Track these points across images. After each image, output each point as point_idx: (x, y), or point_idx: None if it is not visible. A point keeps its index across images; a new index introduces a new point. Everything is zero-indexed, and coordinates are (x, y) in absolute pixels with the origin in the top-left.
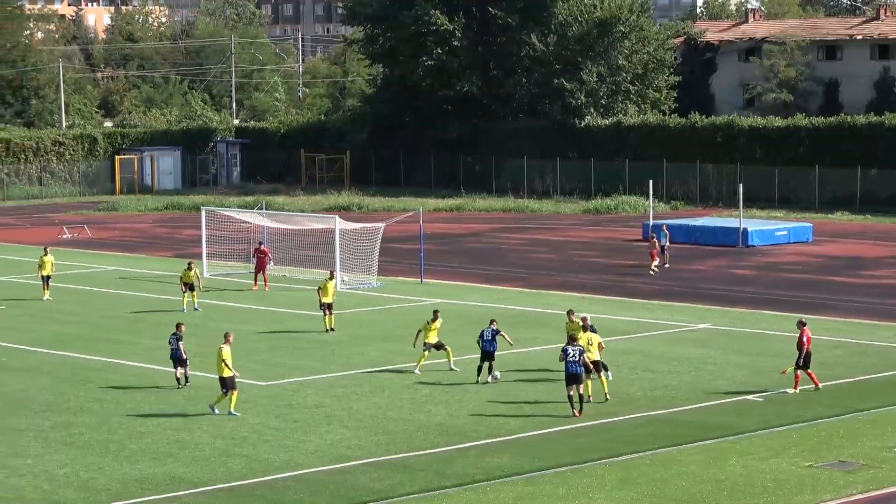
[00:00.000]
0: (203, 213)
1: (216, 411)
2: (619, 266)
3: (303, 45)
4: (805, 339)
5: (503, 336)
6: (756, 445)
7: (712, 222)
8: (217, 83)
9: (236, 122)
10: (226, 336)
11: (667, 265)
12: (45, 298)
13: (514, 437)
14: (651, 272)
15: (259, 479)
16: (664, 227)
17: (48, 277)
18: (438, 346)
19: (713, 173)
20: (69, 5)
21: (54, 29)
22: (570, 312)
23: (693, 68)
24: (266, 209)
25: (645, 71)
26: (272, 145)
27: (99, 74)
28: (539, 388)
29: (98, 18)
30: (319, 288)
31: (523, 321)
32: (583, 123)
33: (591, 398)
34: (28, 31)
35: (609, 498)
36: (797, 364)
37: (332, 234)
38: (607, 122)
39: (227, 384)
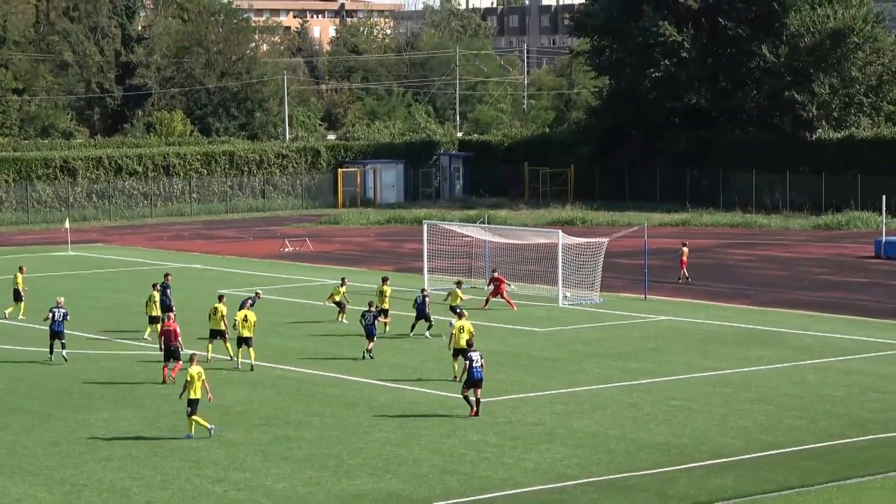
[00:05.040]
0: (425, 226)
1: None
2: (851, 283)
3: (528, 57)
4: None
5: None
6: None
7: None
8: (441, 95)
9: (460, 134)
10: None
11: None
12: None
13: (738, 458)
14: None
15: (477, 497)
16: None
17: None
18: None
19: None
20: (294, 17)
21: (279, 41)
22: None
23: None
24: (488, 223)
25: (879, 83)
26: (495, 158)
27: (323, 87)
28: (766, 408)
29: (323, 30)
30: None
31: (750, 339)
32: (814, 137)
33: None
34: (253, 44)
35: None
36: None
37: (555, 248)
38: (839, 135)
39: None
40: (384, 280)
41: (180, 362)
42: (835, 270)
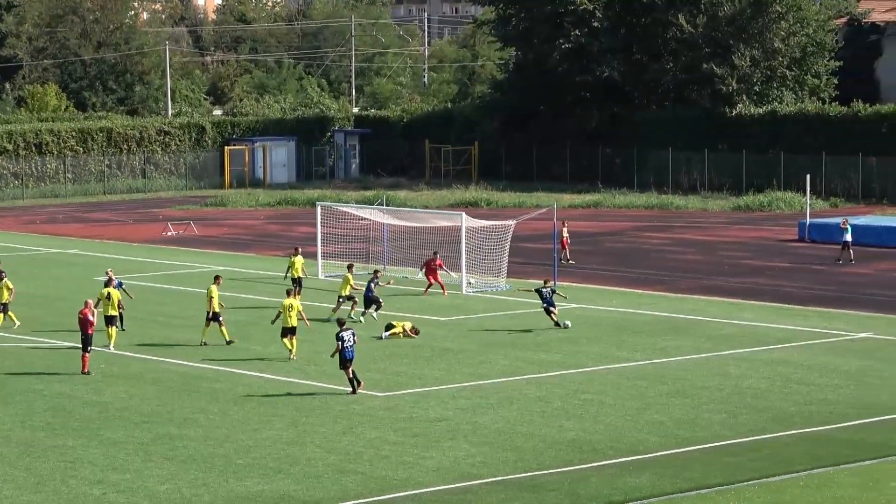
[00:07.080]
0: (319, 208)
1: None
2: (773, 268)
3: (429, 27)
4: None
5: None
6: None
7: (876, 221)
8: (335, 68)
9: (355, 110)
10: None
11: (852, 262)
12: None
13: (654, 455)
14: None
15: (376, 498)
16: (845, 223)
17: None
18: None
19: (877, 167)
20: None
21: (160, 9)
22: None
23: (856, 52)
24: (387, 205)
25: (803, 55)
26: (394, 135)
27: (208, 58)
28: (683, 402)
29: None
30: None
31: (666, 329)
32: (734, 112)
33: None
34: (132, 12)
35: None
36: None
37: (458, 232)
38: (761, 110)
39: None
40: (349, 267)
41: (87, 353)
42: (756, 255)
